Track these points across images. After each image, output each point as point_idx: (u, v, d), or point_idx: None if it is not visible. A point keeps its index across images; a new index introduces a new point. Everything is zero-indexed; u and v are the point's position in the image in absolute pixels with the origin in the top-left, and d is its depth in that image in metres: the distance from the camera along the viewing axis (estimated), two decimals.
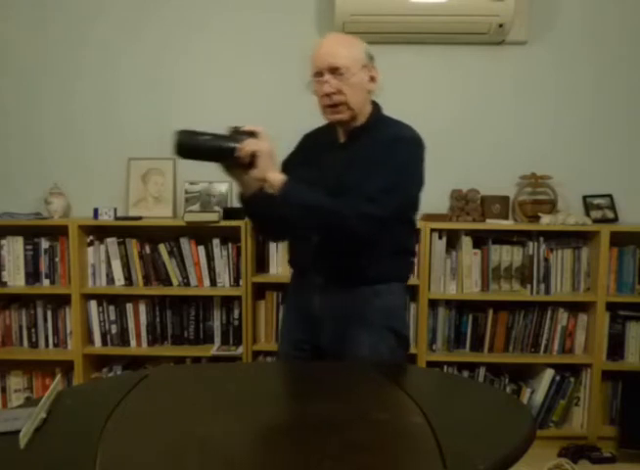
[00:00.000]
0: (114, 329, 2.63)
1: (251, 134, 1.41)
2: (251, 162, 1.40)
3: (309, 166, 1.58)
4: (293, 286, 1.73)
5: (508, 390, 2.55)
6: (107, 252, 2.61)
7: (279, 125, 2.64)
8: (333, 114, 1.52)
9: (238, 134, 1.41)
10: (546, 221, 2.53)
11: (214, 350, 2.58)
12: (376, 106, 1.59)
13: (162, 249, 2.60)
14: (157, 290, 2.60)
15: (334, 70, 1.47)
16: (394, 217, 1.47)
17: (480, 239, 2.59)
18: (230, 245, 2.60)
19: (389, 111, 1.62)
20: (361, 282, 1.55)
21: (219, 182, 2.69)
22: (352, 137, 1.56)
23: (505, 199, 2.65)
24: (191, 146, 1.40)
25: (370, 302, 1.55)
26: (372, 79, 1.54)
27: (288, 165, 1.62)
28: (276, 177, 1.42)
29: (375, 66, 1.55)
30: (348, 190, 1.44)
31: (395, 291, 1.60)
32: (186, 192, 2.69)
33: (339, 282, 1.56)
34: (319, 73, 1.49)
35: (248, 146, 1.39)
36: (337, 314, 1.56)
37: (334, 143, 1.60)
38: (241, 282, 2.56)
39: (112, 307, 2.62)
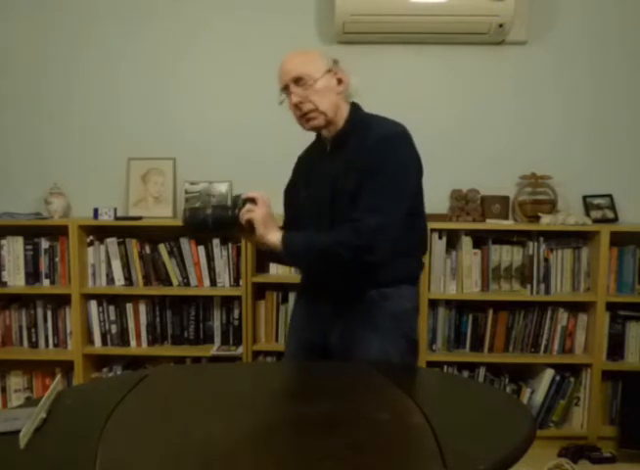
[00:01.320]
0: (114, 329, 2.63)
1: (251, 200, 1.48)
2: (251, 227, 1.48)
3: (308, 183, 1.62)
4: (303, 286, 1.73)
5: (508, 390, 2.55)
6: (107, 252, 2.61)
7: (279, 126, 2.67)
8: (307, 122, 1.54)
9: (238, 202, 1.49)
10: (546, 221, 2.53)
11: (214, 350, 2.58)
12: (353, 106, 1.59)
13: (162, 249, 2.60)
14: (157, 290, 2.60)
15: (297, 81, 1.51)
16: (403, 220, 1.47)
17: (480, 239, 2.60)
18: (230, 245, 2.59)
19: (389, 111, 1.60)
20: (370, 286, 1.54)
21: (219, 182, 2.69)
22: (337, 144, 1.56)
23: (505, 199, 2.65)
24: (197, 223, 1.50)
25: (379, 305, 1.54)
26: (340, 82, 1.55)
27: (288, 193, 1.67)
28: (273, 239, 1.47)
29: (341, 68, 1.56)
30: (346, 198, 1.46)
31: (406, 294, 1.57)
32: (186, 192, 2.69)
33: (347, 286, 1.55)
34: (286, 87, 1.53)
35: (245, 215, 1.46)
36: (346, 317, 1.56)
37: (322, 154, 1.61)
38: (241, 282, 2.56)
39: (112, 307, 2.62)
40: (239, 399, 1.24)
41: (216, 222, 1.49)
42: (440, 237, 2.54)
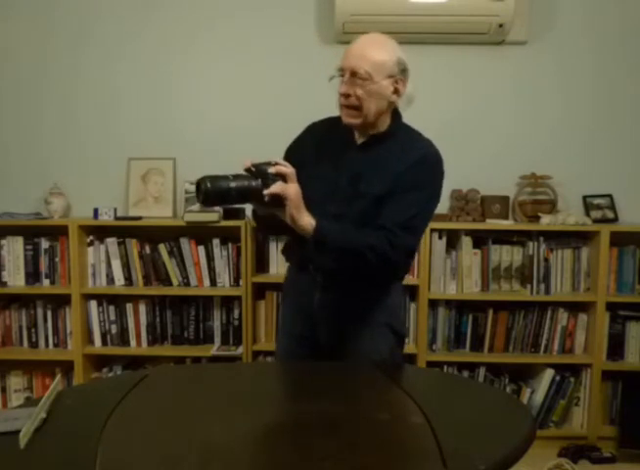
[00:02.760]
0: (114, 329, 2.62)
1: (278, 174, 1.38)
2: (276, 201, 1.38)
3: (322, 163, 1.55)
4: (291, 282, 1.72)
5: (508, 390, 2.55)
6: (107, 252, 2.61)
7: (279, 125, 2.68)
8: (346, 116, 1.50)
9: (262, 173, 1.38)
10: (546, 221, 2.53)
11: (214, 350, 2.58)
12: (396, 114, 1.57)
13: (162, 249, 2.60)
14: (157, 290, 2.60)
15: (354, 74, 1.45)
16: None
17: (480, 239, 2.59)
18: (230, 245, 2.59)
19: None
20: (361, 281, 1.55)
21: None
22: (373, 140, 1.53)
23: (505, 199, 2.65)
24: (218, 194, 1.35)
25: (369, 300, 1.57)
26: (396, 91, 1.49)
27: (291, 153, 1.60)
28: (305, 222, 1.39)
29: (405, 78, 1.50)
30: (368, 199, 1.46)
31: (393, 290, 1.61)
32: (186, 192, 2.68)
33: (338, 281, 1.56)
34: (342, 70, 1.47)
35: (274, 189, 1.36)
36: (336, 312, 1.56)
37: (350, 143, 1.56)
38: (241, 282, 2.56)
39: (112, 307, 2.62)
40: (239, 399, 1.24)
41: (241, 194, 1.37)
42: (440, 237, 2.54)
